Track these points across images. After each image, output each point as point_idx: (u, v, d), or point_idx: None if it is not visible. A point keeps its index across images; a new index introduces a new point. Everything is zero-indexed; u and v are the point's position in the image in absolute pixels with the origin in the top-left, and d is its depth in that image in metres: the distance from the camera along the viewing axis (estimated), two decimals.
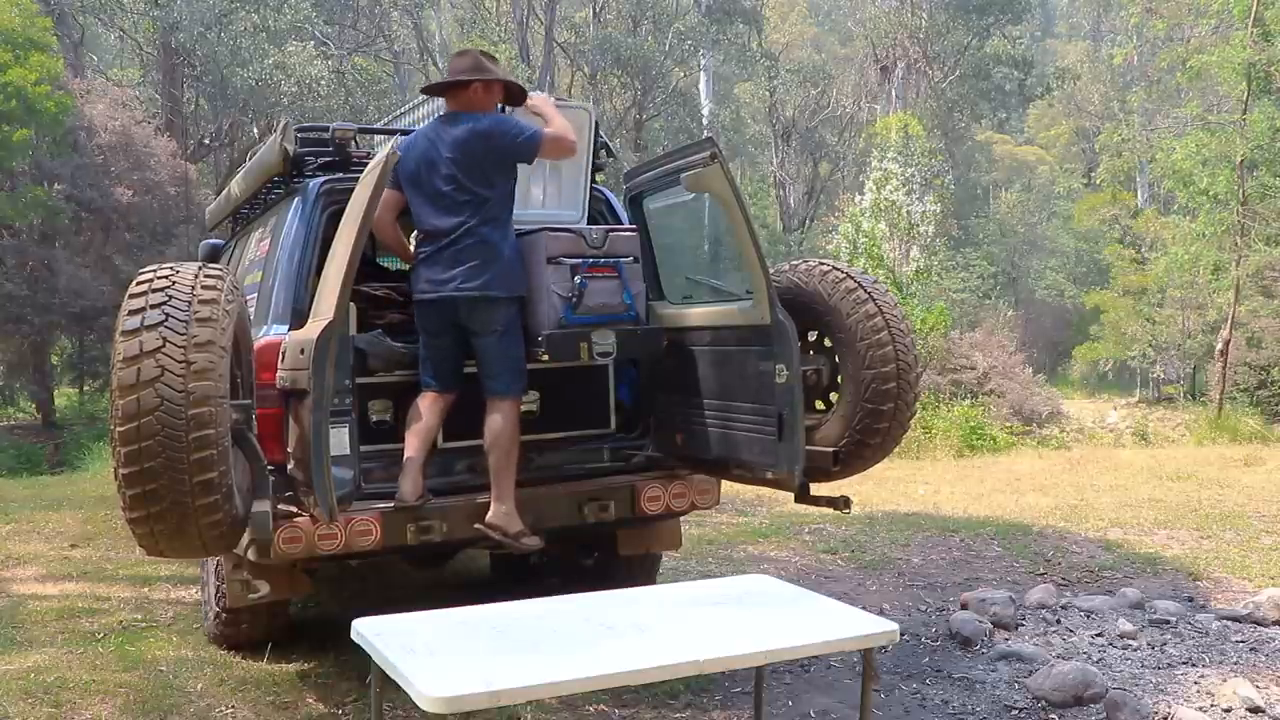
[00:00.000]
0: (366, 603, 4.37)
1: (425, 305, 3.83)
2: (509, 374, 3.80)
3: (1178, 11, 20.64)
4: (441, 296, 3.76)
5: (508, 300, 3.78)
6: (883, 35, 28.63)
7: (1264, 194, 15.52)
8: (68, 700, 3.63)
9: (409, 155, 3.83)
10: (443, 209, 3.77)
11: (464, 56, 3.92)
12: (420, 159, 3.81)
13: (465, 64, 3.88)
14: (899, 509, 7.47)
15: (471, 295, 3.73)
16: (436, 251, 3.78)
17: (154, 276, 2.89)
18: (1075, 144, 37.77)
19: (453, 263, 3.74)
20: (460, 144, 3.74)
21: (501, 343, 3.79)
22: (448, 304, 3.76)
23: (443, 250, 3.76)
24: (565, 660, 2.38)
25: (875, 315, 3.72)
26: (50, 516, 7.19)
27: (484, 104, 3.86)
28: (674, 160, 3.99)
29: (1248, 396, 16.91)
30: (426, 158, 3.80)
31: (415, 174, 3.82)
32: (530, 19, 25.30)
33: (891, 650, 4.23)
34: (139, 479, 2.71)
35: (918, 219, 17.56)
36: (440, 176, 3.76)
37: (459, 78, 3.85)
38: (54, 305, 16.06)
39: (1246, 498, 7.70)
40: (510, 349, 3.82)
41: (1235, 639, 4.39)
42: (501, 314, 3.78)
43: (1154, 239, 23.49)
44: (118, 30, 22.26)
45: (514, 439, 3.77)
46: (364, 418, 3.85)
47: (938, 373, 15.70)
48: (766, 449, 3.68)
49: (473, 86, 3.82)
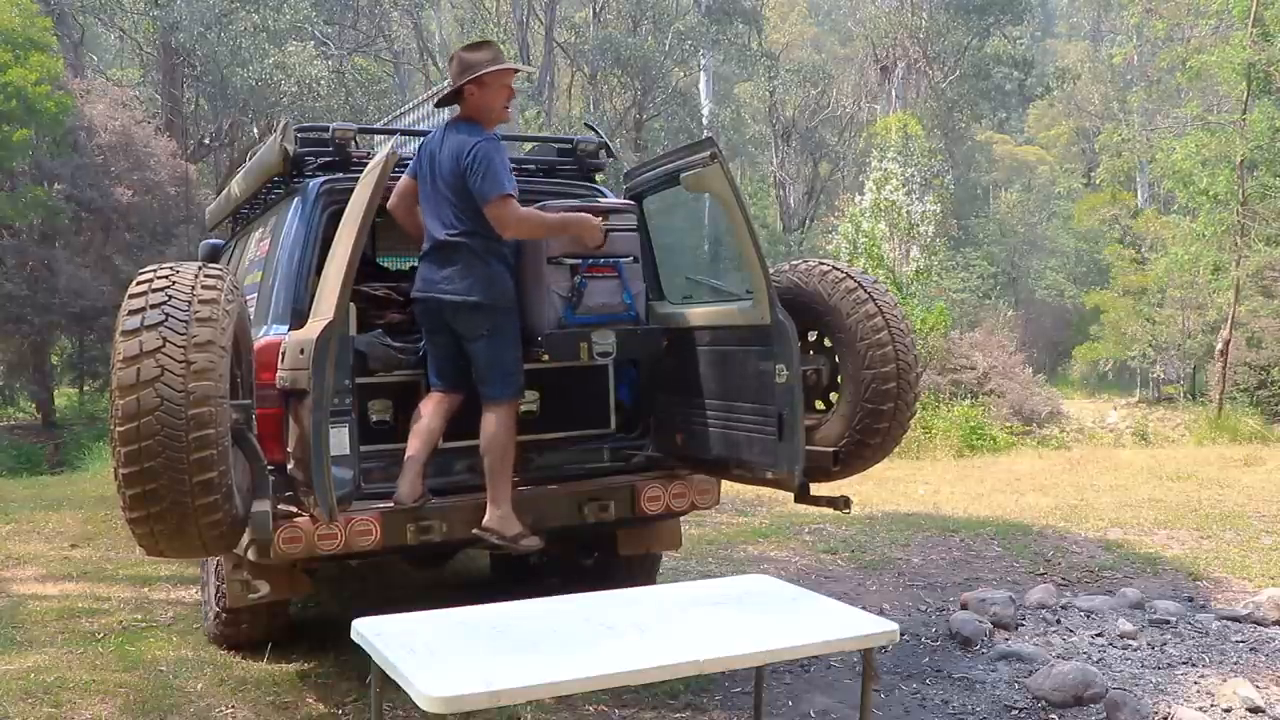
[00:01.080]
0: (366, 603, 4.37)
1: (418, 304, 3.85)
2: (499, 379, 3.77)
3: (1178, 11, 20.63)
4: (430, 296, 3.77)
5: (491, 307, 3.74)
6: (883, 35, 28.63)
7: (1264, 194, 15.52)
8: (68, 700, 3.63)
9: (424, 148, 3.84)
10: (436, 210, 3.77)
11: (452, 62, 3.86)
12: (428, 156, 3.82)
13: (454, 69, 3.81)
14: (899, 509, 7.47)
15: (455, 299, 3.72)
16: (431, 250, 3.79)
17: (154, 276, 2.89)
18: (1075, 144, 37.79)
19: (442, 264, 3.74)
20: (448, 155, 3.72)
21: (490, 347, 3.75)
22: (435, 304, 3.77)
23: (435, 251, 3.77)
24: (565, 660, 2.38)
25: (875, 315, 3.72)
26: (50, 516, 7.19)
27: (483, 104, 3.78)
28: (674, 160, 3.99)
29: (1248, 396, 16.91)
30: (431, 157, 3.80)
31: (422, 171, 3.83)
32: (530, 19, 25.32)
33: (891, 650, 4.22)
34: (139, 479, 2.70)
35: (918, 219, 17.56)
36: (438, 179, 3.77)
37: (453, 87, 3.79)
38: (54, 305, 16.06)
39: (1246, 498, 7.70)
40: (499, 354, 3.77)
41: (1235, 639, 4.39)
42: (486, 319, 3.74)
43: (1154, 239, 23.49)
44: (118, 30, 22.27)
45: (508, 443, 3.75)
46: (364, 418, 3.85)
47: (938, 373, 15.70)
48: (766, 449, 3.68)
49: (466, 90, 3.77)
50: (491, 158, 3.62)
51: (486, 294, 3.73)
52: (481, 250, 3.73)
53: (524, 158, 4.75)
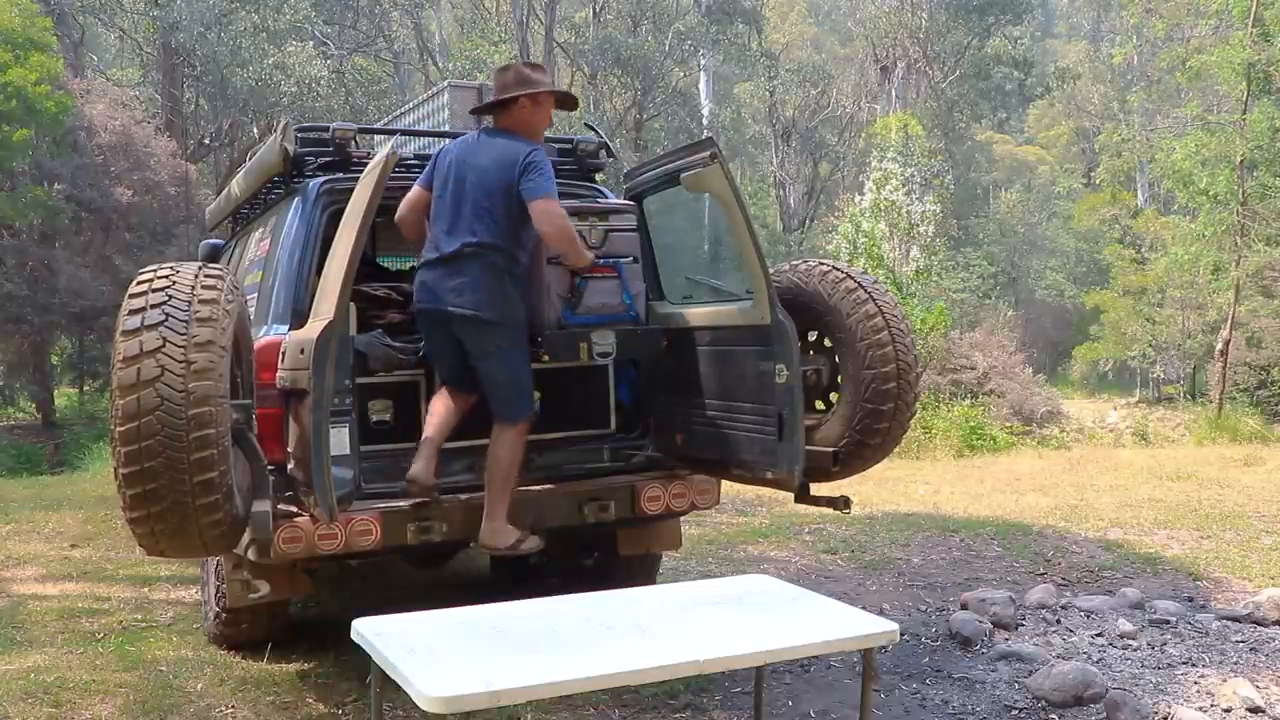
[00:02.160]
0: (366, 603, 4.37)
1: (423, 315, 3.80)
2: (510, 399, 3.71)
3: (1178, 12, 20.63)
4: (435, 308, 3.72)
5: (501, 324, 3.69)
6: (883, 35, 28.64)
7: (1264, 194, 15.51)
8: (68, 700, 3.63)
9: (445, 156, 3.79)
10: (454, 219, 3.70)
11: (506, 71, 3.81)
12: (453, 164, 3.75)
13: (508, 79, 3.77)
14: (899, 509, 7.47)
15: (464, 313, 3.66)
16: (439, 261, 3.72)
17: (154, 276, 2.89)
18: (1075, 144, 37.79)
19: (451, 275, 3.67)
20: (493, 161, 3.66)
21: (501, 366, 3.70)
22: (441, 316, 3.72)
23: (445, 261, 3.70)
24: (565, 660, 2.37)
25: (875, 315, 3.72)
26: (50, 516, 7.19)
27: (531, 120, 3.76)
28: (674, 160, 3.98)
29: (1248, 396, 16.91)
30: (459, 164, 3.73)
31: (445, 178, 3.76)
32: (530, 19, 25.30)
33: (891, 650, 4.22)
34: (139, 478, 2.70)
35: (917, 219, 17.56)
36: (468, 185, 3.69)
37: (504, 95, 3.75)
38: (54, 305, 16.06)
39: (1246, 498, 7.70)
40: (511, 372, 3.72)
41: (1235, 639, 4.39)
42: (496, 336, 3.69)
43: (1154, 239, 23.49)
44: (118, 30, 22.28)
45: (514, 463, 3.69)
46: (364, 418, 3.85)
47: (938, 373, 15.70)
48: (766, 449, 3.68)
49: (520, 102, 3.74)
50: (546, 165, 3.65)
51: (499, 311, 3.67)
52: (502, 265, 3.68)
53: None
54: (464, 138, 3.90)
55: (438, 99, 4.79)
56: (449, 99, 4.64)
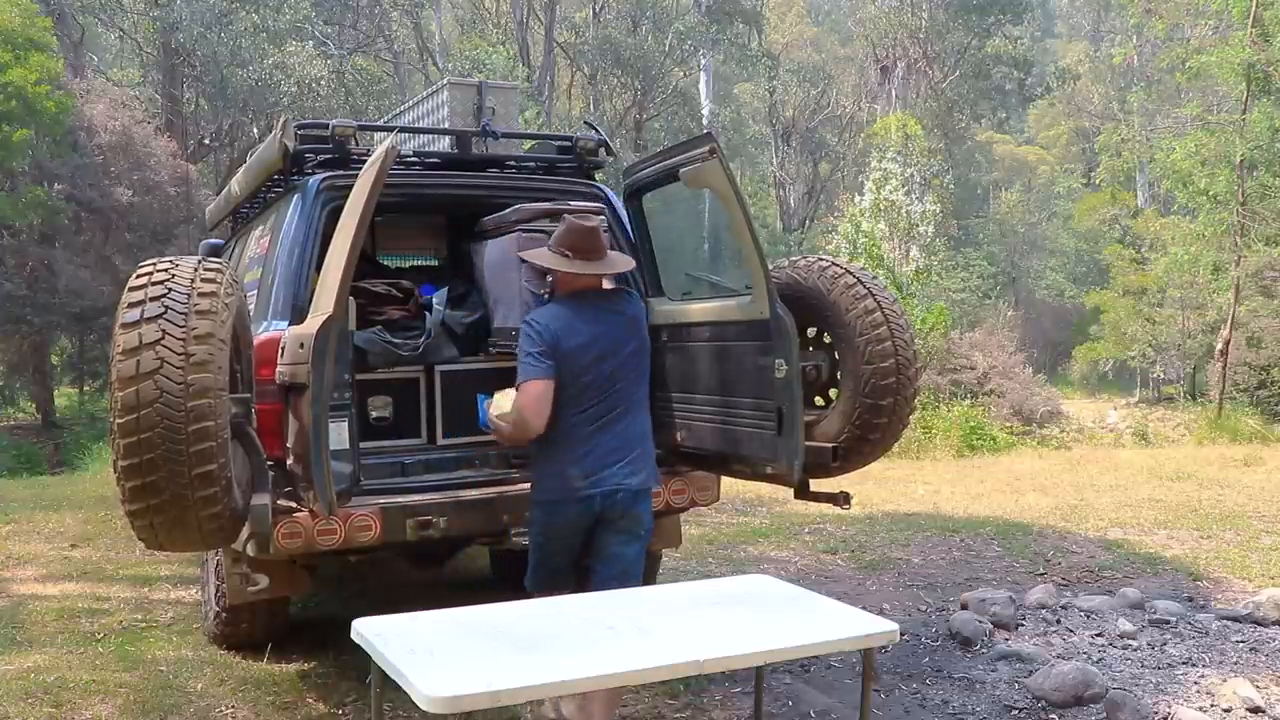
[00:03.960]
0: (366, 603, 4.36)
1: (582, 502, 3.40)
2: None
3: (1178, 12, 20.62)
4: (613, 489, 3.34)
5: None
6: (882, 35, 28.63)
7: (1264, 194, 15.51)
8: (68, 700, 3.63)
9: (552, 333, 3.27)
10: (604, 392, 3.32)
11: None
12: (585, 342, 3.31)
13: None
14: (899, 509, 7.46)
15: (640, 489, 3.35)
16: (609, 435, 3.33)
17: (153, 270, 2.87)
18: (1075, 144, 37.80)
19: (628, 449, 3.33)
20: (628, 329, 3.39)
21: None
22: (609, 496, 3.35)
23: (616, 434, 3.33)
24: (565, 660, 2.37)
25: (874, 311, 3.71)
26: (50, 516, 7.18)
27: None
28: (673, 156, 3.97)
29: (1248, 396, 16.90)
30: (592, 340, 3.32)
31: (573, 356, 3.30)
32: (530, 19, 25.32)
33: (891, 650, 4.22)
34: (138, 471, 2.69)
35: (917, 219, 17.56)
36: (614, 359, 3.34)
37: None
38: (54, 305, 16.06)
39: (1246, 498, 7.70)
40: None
41: (1235, 639, 4.39)
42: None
43: (1154, 239, 23.45)
44: (118, 30, 22.28)
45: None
46: (363, 414, 3.85)
47: (938, 373, 15.68)
48: (766, 444, 3.67)
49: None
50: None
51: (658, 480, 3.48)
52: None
53: (524, 155, 4.75)
54: (559, 310, 3.39)
55: (437, 96, 4.78)
56: (448, 96, 4.63)
